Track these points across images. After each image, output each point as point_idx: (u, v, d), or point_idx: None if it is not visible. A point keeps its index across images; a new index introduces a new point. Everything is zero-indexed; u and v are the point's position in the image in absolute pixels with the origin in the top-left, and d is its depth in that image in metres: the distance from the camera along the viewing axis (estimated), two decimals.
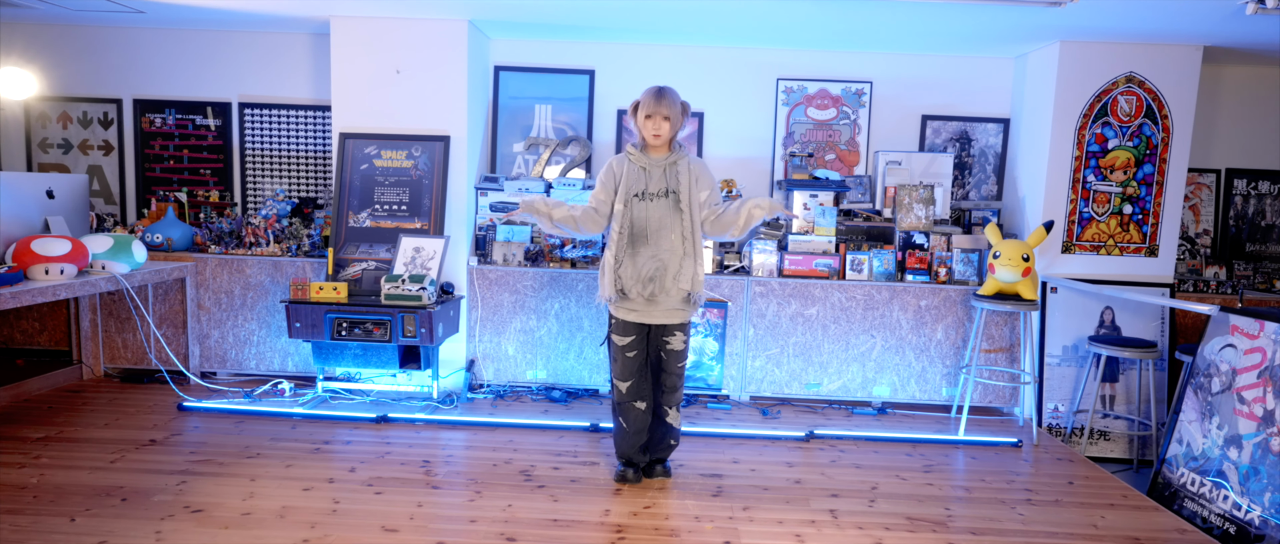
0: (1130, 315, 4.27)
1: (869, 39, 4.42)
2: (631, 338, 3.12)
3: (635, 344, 3.12)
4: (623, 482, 3.21)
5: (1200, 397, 3.45)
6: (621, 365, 3.13)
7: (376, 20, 4.28)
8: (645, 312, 3.07)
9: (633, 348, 3.12)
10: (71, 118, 4.95)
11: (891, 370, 4.40)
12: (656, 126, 3.00)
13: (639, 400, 3.15)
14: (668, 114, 2.99)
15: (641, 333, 3.14)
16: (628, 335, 3.11)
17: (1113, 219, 4.28)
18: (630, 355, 3.12)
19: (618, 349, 3.13)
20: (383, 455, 3.43)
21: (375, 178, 4.33)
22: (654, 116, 2.99)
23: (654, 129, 3.00)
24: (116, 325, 4.50)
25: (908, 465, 3.56)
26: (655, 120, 3.00)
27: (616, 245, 3.06)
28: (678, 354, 3.15)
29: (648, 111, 3.00)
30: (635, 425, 3.17)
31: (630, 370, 3.13)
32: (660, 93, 3.00)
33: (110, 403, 4.04)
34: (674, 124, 3.02)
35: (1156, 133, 4.21)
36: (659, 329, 3.14)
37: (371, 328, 3.92)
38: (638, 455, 3.24)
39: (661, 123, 2.99)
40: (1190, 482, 3.38)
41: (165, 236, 4.43)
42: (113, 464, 3.22)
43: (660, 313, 3.08)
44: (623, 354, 3.12)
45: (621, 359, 3.13)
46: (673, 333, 3.13)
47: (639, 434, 3.19)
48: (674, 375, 3.17)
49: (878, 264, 4.36)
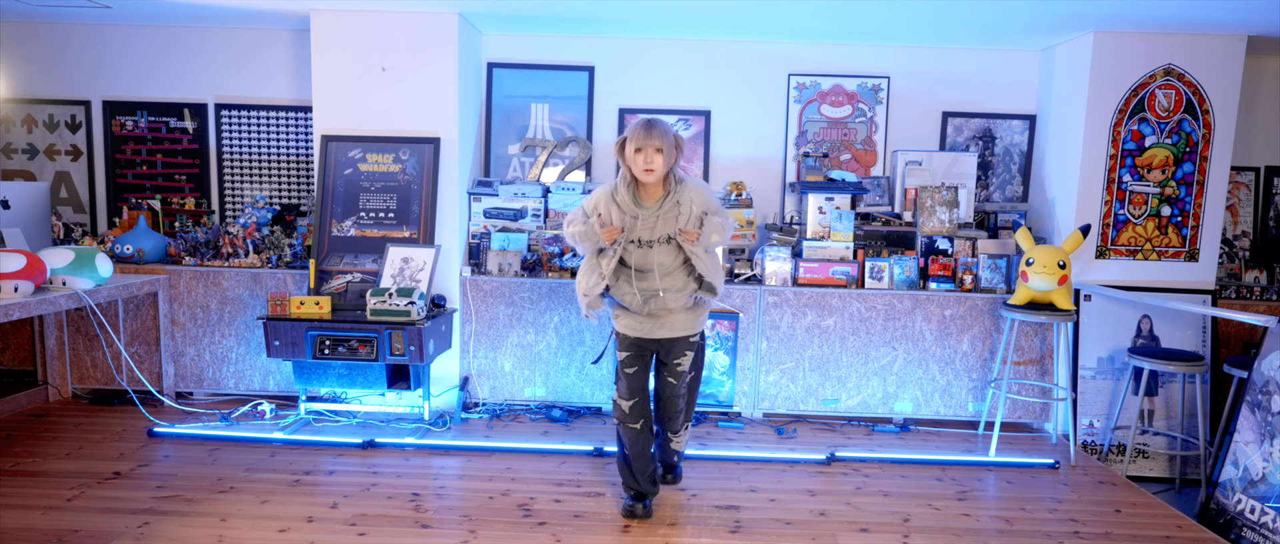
0: (1168, 324, 4.00)
1: (886, 31, 4.13)
2: (629, 354, 2.90)
3: (633, 360, 2.90)
4: (630, 517, 2.93)
5: (1258, 416, 3.17)
6: (622, 383, 2.91)
7: (359, 14, 3.98)
8: (649, 327, 2.84)
9: (632, 364, 2.89)
10: (37, 121, 4.65)
11: (914, 385, 4.12)
12: (649, 160, 2.68)
13: (639, 421, 2.90)
14: (660, 145, 2.68)
15: (643, 350, 2.91)
16: (626, 350, 2.90)
17: (1150, 221, 4.01)
18: (630, 371, 2.89)
19: (619, 363, 2.93)
20: (369, 488, 3.14)
21: (360, 183, 4.04)
22: (645, 150, 2.68)
23: (645, 163, 2.68)
24: (85, 343, 4.20)
25: (939, 492, 3.28)
26: (646, 153, 2.68)
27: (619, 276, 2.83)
28: (684, 374, 2.96)
29: (637, 144, 2.69)
30: (636, 449, 2.91)
31: (631, 389, 2.89)
32: (650, 124, 2.70)
33: (76, 428, 3.75)
34: (667, 157, 2.70)
35: (1197, 129, 3.94)
36: (666, 350, 2.90)
37: (357, 346, 3.63)
38: (648, 486, 2.96)
39: (654, 155, 2.68)
40: (1249, 509, 3.11)
41: (136, 248, 4.13)
42: (70, 502, 2.92)
43: (665, 328, 2.85)
44: (622, 370, 2.90)
45: (621, 376, 2.91)
46: (682, 354, 2.91)
47: (642, 459, 2.93)
48: (678, 399, 3.00)
49: (899, 271, 4.08)
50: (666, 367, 2.93)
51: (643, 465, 2.93)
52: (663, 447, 3.12)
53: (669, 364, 2.93)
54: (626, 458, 2.95)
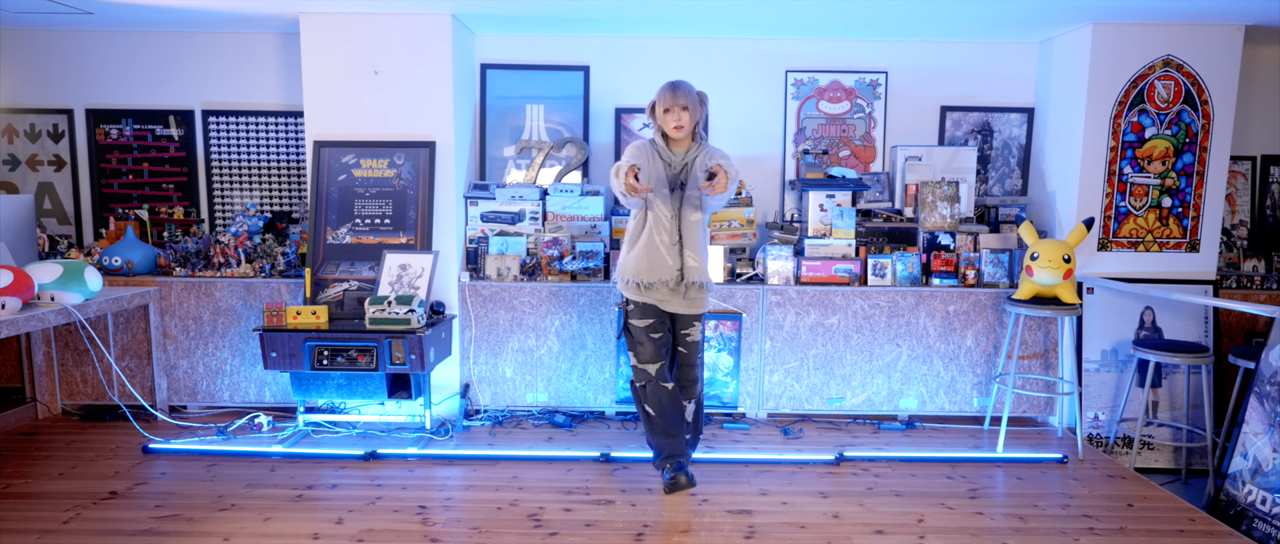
0: (1170, 316, 4.00)
1: (883, 26, 4.10)
2: (651, 320, 3.05)
3: (658, 325, 3.07)
4: (675, 489, 3.03)
5: (1267, 407, 3.17)
6: (647, 348, 3.06)
7: (350, 16, 3.90)
8: (668, 300, 3.04)
9: (656, 329, 3.06)
10: (17, 131, 4.53)
11: (919, 381, 4.10)
12: (677, 118, 2.99)
13: (667, 381, 3.08)
14: (686, 103, 2.99)
15: (662, 316, 3.08)
16: (647, 317, 3.05)
17: (1151, 213, 4.01)
18: (656, 336, 3.06)
19: (640, 331, 3.06)
20: (373, 501, 3.07)
21: (355, 189, 3.96)
22: (672, 109, 2.99)
23: (675, 121, 2.99)
24: (74, 358, 4.10)
25: (951, 491, 3.26)
26: (674, 112, 2.99)
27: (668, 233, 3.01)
28: (697, 345, 3.15)
29: (665, 105, 3.00)
30: (668, 409, 3.08)
31: (656, 353, 3.06)
32: (675, 86, 3.01)
33: (68, 446, 3.65)
34: (693, 114, 3.02)
35: (1196, 119, 3.93)
36: (677, 320, 3.12)
37: (356, 355, 3.56)
38: (682, 449, 3.10)
39: (681, 113, 2.99)
40: (1260, 501, 3.11)
41: (125, 259, 4.03)
42: (66, 525, 2.84)
43: (679, 302, 3.05)
44: (647, 335, 3.05)
45: (646, 341, 3.06)
46: (691, 324, 3.12)
47: (676, 420, 3.10)
48: (692, 367, 3.17)
49: (902, 268, 4.05)
50: (678, 337, 3.15)
51: (679, 426, 3.10)
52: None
53: (679, 334, 3.14)
54: (659, 424, 3.08)
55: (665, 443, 3.11)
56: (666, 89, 3.00)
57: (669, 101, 2.98)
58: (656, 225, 3.00)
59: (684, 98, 2.98)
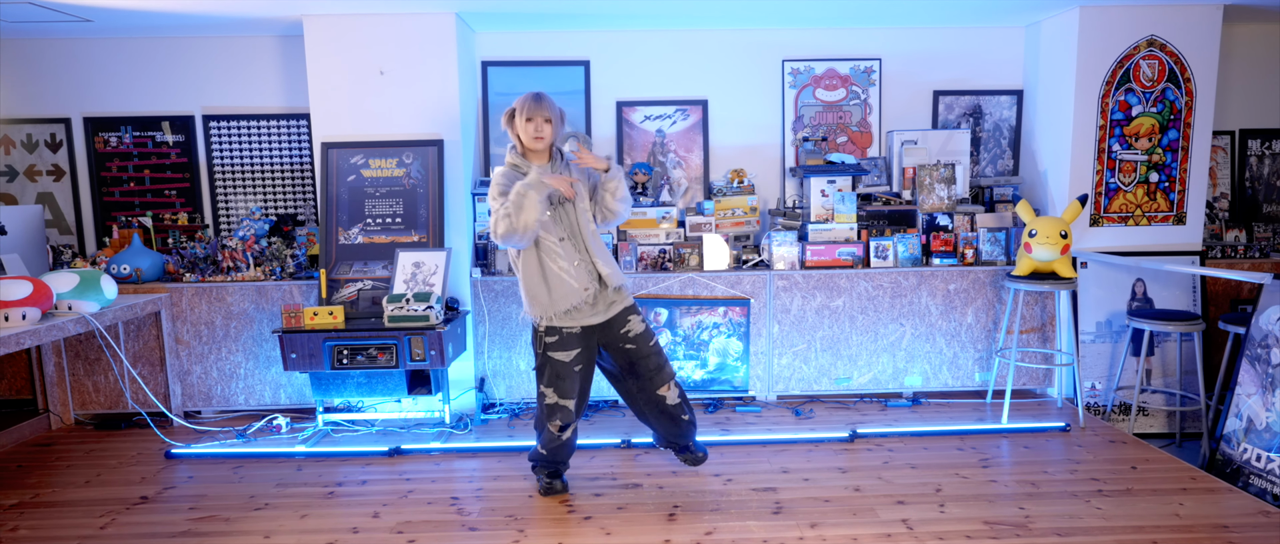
0: (1160, 286, 4.16)
1: (876, 14, 4.21)
2: (577, 350, 2.88)
3: (581, 357, 2.90)
4: (550, 493, 3.09)
5: (1258, 369, 3.33)
6: (568, 383, 2.89)
7: (354, 17, 3.93)
8: (587, 314, 2.87)
9: (579, 361, 2.90)
10: (14, 142, 4.49)
11: (922, 359, 4.22)
12: (538, 128, 2.87)
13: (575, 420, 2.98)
14: (548, 116, 2.87)
15: (588, 342, 2.90)
16: (571, 349, 2.87)
17: (1139, 188, 4.16)
18: (577, 370, 2.90)
19: (563, 366, 2.88)
20: (405, 495, 3.13)
21: (365, 189, 3.99)
22: (534, 119, 2.87)
23: (535, 131, 2.87)
24: (85, 367, 4.09)
25: (963, 461, 3.38)
26: (536, 122, 2.87)
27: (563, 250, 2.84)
28: (643, 335, 2.94)
29: (527, 114, 2.87)
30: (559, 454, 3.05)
31: (577, 387, 2.91)
32: (538, 96, 2.89)
33: (88, 455, 3.66)
34: (554, 126, 2.89)
35: (1180, 97, 4.09)
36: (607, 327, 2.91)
37: (376, 353, 3.60)
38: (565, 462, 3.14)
39: (543, 125, 2.87)
40: (1255, 458, 3.26)
41: (133, 267, 4.03)
42: (103, 530, 2.87)
43: (600, 311, 2.89)
44: (569, 370, 2.88)
45: (568, 376, 2.89)
46: (626, 319, 2.93)
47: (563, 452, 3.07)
48: (653, 356, 2.94)
49: (903, 249, 4.17)
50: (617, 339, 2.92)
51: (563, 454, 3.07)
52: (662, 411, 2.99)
53: (619, 335, 2.92)
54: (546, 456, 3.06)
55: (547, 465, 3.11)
56: (530, 98, 2.87)
57: (531, 111, 2.86)
58: (550, 253, 2.84)
59: (547, 109, 2.87)
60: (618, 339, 2.93)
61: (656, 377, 2.94)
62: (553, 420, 2.92)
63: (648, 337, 2.96)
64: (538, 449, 3.07)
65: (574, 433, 3.04)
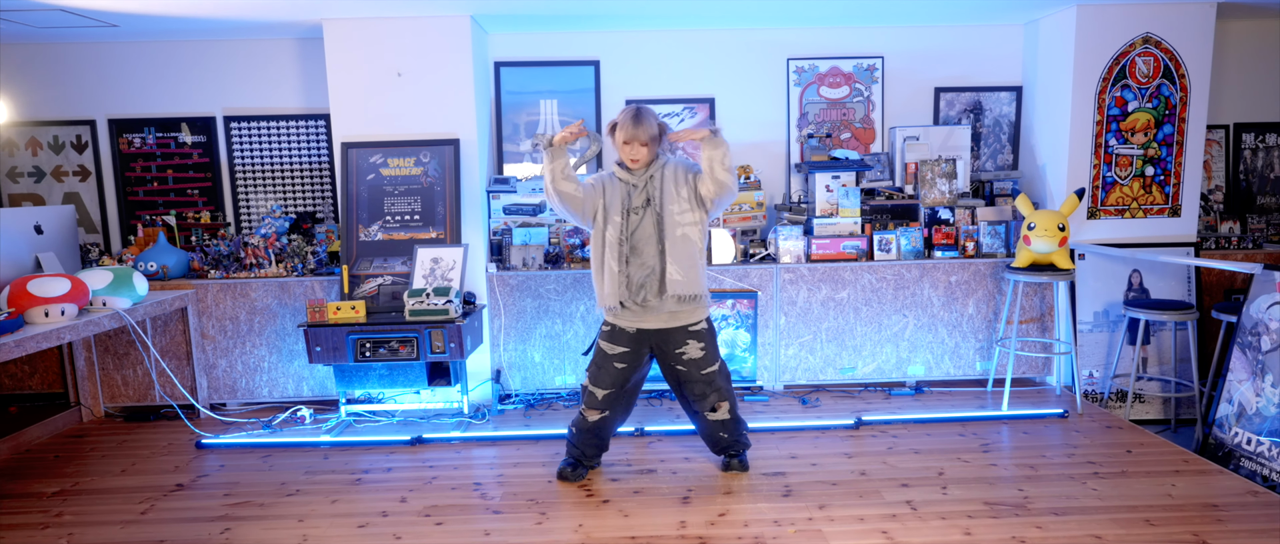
0: (1156, 277, 4.28)
1: (878, 13, 4.32)
2: (625, 349, 3.04)
3: (627, 356, 3.05)
4: (561, 479, 3.20)
5: (1249, 355, 3.45)
6: (605, 373, 3.07)
7: (373, 21, 4.05)
8: (641, 317, 3.01)
9: (624, 360, 3.05)
10: (41, 143, 4.63)
11: (925, 349, 4.35)
12: (634, 153, 2.95)
13: (606, 411, 3.12)
14: (645, 141, 2.93)
15: (639, 345, 3.05)
16: (620, 345, 3.04)
17: (1135, 182, 4.28)
18: (619, 367, 3.05)
19: (606, 357, 3.06)
20: (430, 481, 3.27)
21: (383, 188, 4.12)
22: (631, 143, 2.94)
23: (631, 154, 2.96)
24: (114, 362, 4.23)
25: (965, 446, 3.51)
26: (634, 146, 2.94)
27: (616, 253, 2.97)
28: (696, 362, 3.04)
29: (625, 138, 2.94)
30: (591, 434, 3.17)
31: (612, 380, 3.07)
32: (638, 116, 2.93)
33: (120, 446, 3.80)
34: (651, 149, 2.96)
35: (1175, 92, 4.20)
36: (666, 339, 3.03)
37: (397, 346, 3.73)
38: (591, 455, 3.25)
39: (639, 149, 2.94)
40: (1245, 441, 3.39)
41: (160, 264, 4.16)
42: (144, 515, 3.01)
43: (657, 318, 3.00)
44: (610, 363, 3.06)
45: (608, 367, 3.06)
46: (684, 342, 3.03)
47: (591, 442, 3.20)
48: (699, 383, 3.08)
49: (905, 242, 4.29)
50: (670, 357, 3.06)
51: (593, 440, 3.19)
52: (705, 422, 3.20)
53: (671, 355, 3.05)
54: (576, 430, 3.18)
55: (578, 451, 3.21)
56: (628, 117, 2.92)
57: (629, 133, 2.91)
58: (610, 249, 2.96)
59: (644, 132, 2.90)
60: (671, 357, 3.06)
61: (701, 403, 3.11)
62: (582, 403, 3.13)
63: (701, 365, 3.03)
64: (571, 426, 3.23)
65: (601, 427, 3.14)
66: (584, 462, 3.24)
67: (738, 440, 3.23)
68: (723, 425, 3.17)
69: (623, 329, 3.04)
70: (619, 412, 3.18)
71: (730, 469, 3.26)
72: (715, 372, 3.09)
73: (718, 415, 3.15)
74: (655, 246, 2.96)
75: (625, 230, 2.97)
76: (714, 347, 3.10)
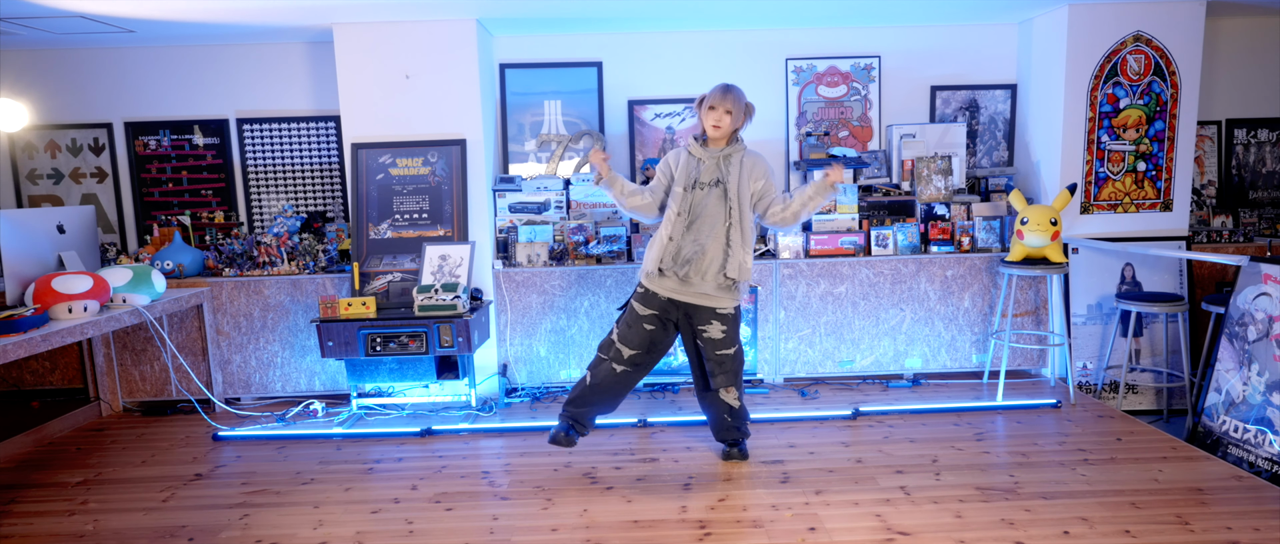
0: (1149, 270, 4.37)
1: (875, 13, 4.41)
2: (654, 312, 3.17)
3: (657, 318, 3.18)
4: (554, 443, 3.21)
5: (1236, 346, 3.54)
6: (634, 331, 3.17)
7: (381, 25, 4.16)
8: (678, 289, 3.14)
9: (653, 321, 3.18)
10: (60, 146, 4.76)
11: (922, 342, 4.45)
12: (717, 119, 3.13)
13: (628, 366, 3.19)
14: (730, 109, 3.12)
15: (670, 313, 3.18)
16: (651, 308, 3.17)
17: (1128, 177, 4.36)
18: (648, 327, 3.18)
19: (636, 314, 3.19)
20: (439, 470, 3.38)
21: (392, 187, 4.24)
22: (716, 109, 3.12)
23: (714, 120, 3.13)
24: (132, 358, 4.35)
25: (959, 435, 3.61)
26: (717, 113, 3.13)
27: (672, 225, 3.13)
28: (715, 342, 3.18)
29: (711, 104, 3.13)
30: (603, 384, 3.20)
31: (639, 339, 3.17)
32: (727, 89, 3.14)
33: (140, 438, 3.92)
34: (734, 119, 3.14)
35: (1166, 89, 4.29)
36: (693, 314, 3.17)
37: (407, 341, 3.85)
38: (585, 421, 3.26)
39: (723, 115, 3.12)
40: (1233, 429, 3.48)
41: (176, 263, 4.29)
42: (166, 503, 3.13)
43: (691, 293, 3.14)
44: (640, 321, 3.18)
45: (637, 325, 3.18)
46: (708, 321, 3.16)
47: (600, 394, 3.22)
48: (714, 361, 3.21)
49: (902, 238, 4.39)
50: (695, 330, 3.20)
51: (597, 400, 3.22)
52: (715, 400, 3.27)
53: (696, 329, 3.19)
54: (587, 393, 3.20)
55: (578, 410, 3.23)
56: (718, 89, 3.13)
57: (716, 101, 3.11)
58: (668, 222, 3.13)
59: (732, 102, 3.11)
60: (694, 332, 3.22)
61: (712, 380, 3.24)
62: (604, 355, 3.21)
63: (718, 345, 3.18)
64: (583, 378, 3.25)
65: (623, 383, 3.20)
66: (582, 420, 3.25)
67: (739, 428, 3.34)
68: (730, 410, 3.28)
69: (654, 294, 3.17)
70: (638, 374, 3.24)
71: (730, 458, 3.37)
72: (730, 356, 3.22)
73: (727, 397, 3.26)
74: (720, 226, 3.11)
75: (685, 204, 3.12)
76: (735, 332, 3.24)
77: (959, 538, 2.65)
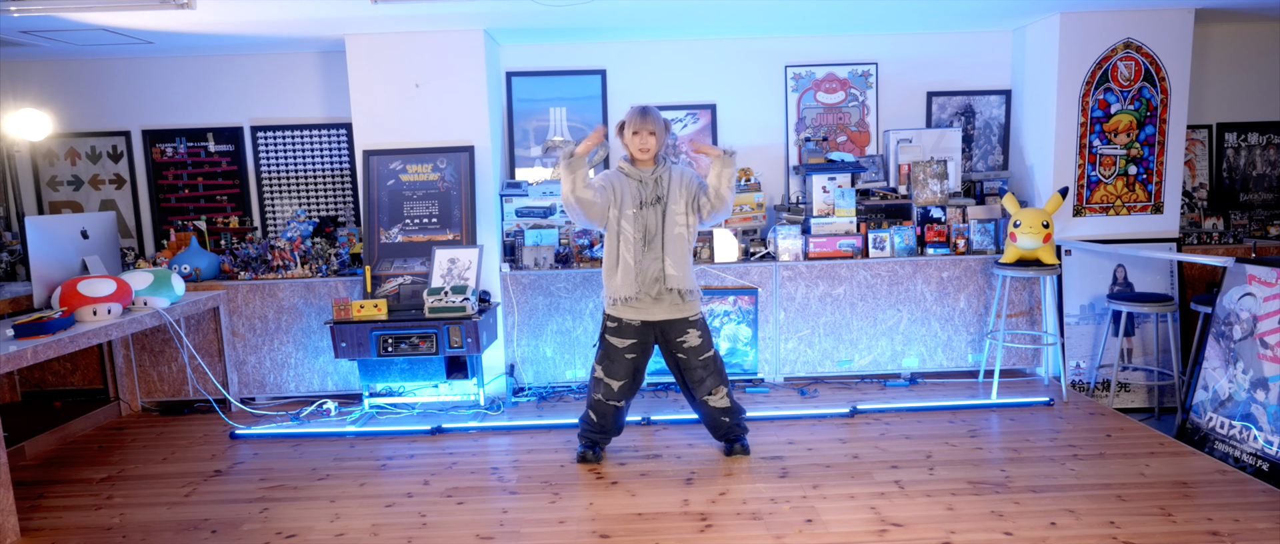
0: (1140, 271, 4.47)
1: (873, 21, 4.53)
2: (632, 340, 3.29)
3: (635, 347, 3.30)
4: (582, 462, 3.44)
5: (1222, 344, 3.64)
6: (618, 365, 3.31)
7: (392, 36, 4.29)
8: (650, 308, 3.26)
9: (633, 350, 3.30)
10: (79, 153, 4.90)
11: (919, 342, 4.56)
12: (644, 142, 3.21)
13: (619, 397, 3.35)
14: (654, 130, 3.21)
15: (645, 336, 3.30)
16: (627, 338, 3.29)
17: (1119, 181, 4.47)
18: (629, 356, 3.31)
19: (616, 350, 3.30)
20: (450, 466, 3.50)
21: (403, 192, 4.36)
22: (640, 132, 3.20)
23: (640, 143, 3.21)
24: (150, 359, 4.49)
25: (953, 432, 3.72)
26: (642, 136, 3.20)
27: (633, 248, 3.23)
28: (696, 349, 3.32)
29: (634, 128, 3.21)
30: (605, 422, 3.41)
31: (624, 370, 3.32)
32: (645, 110, 3.21)
33: (159, 437, 4.05)
34: (659, 138, 3.23)
35: (1156, 94, 4.40)
36: (668, 328, 3.30)
37: (418, 341, 3.97)
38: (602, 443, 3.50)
39: (648, 137, 3.20)
40: (1219, 425, 3.58)
41: (193, 267, 4.42)
42: (188, 497, 3.25)
43: (663, 309, 3.27)
44: (620, 355, 3.30)
45: (619, 359, 3.31)
46: (685, 331, 3.30)
47: (607, 421, 3.42)
48: (699, 369, 3.33)
49: (899, 240, 4.50)
50: (673, 345, 3.33)
51: (612, 424, 3.43)
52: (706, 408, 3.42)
53: (674, 343, 3.32)
54: (591, 420, 3.41)
55: (593, 437, 3.45)
56: (636, 112, 3.20)
57: (638, 124, 3.19)
58: (624, 242, 3.21)
59: (653, 123, 3.19)
60: (674, 345, 3.33)
61: (700, 388, 3.36)
62: (596, 393, 3.36)
63: (700, 351, 3.31)
64: (588, 414, 3.44)
65: (623, 410, 3.42)
66: (600, 443, 3.49)
67: (737, 424, 3.46)
68: (723, 411, 3.41)
69: (628, 323, 3.28)
70: (633, 393, 3.43)
71: (733, 454, 3.49)
72: (711, 358, 3.35)
73: (716, 401, 3.39)
74: (671, 241, 3.23)
75: (639, 225, 3.22)
76: (709, 335, 3.39)
77: (949, 529, 2.76)
